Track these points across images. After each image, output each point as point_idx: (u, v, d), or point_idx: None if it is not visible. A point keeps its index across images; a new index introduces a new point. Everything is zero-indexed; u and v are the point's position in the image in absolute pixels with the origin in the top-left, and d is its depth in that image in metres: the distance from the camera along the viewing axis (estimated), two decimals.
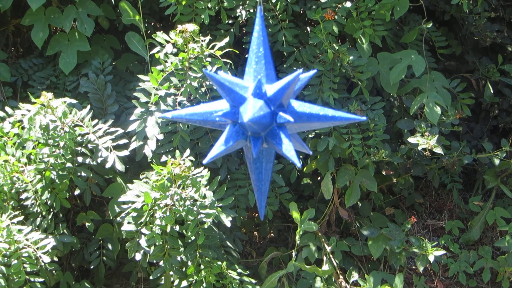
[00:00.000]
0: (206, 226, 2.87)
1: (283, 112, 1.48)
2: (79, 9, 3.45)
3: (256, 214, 4.00)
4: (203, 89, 3.06)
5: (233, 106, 1.50)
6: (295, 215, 3.19)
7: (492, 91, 4.10)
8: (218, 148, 1.47)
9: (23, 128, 3.00)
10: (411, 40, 3.75)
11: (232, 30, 3.49)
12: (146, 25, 3.64)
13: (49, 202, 3.06)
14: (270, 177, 1.59)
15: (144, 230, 2.83)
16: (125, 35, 3.40)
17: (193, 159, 2.84)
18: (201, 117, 1.51)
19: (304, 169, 3.67)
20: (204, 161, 1.43)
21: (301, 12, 3.50)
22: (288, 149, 1.44)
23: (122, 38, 3.57)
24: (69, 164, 3.03)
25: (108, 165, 3.04)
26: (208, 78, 1.47)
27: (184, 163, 2.71)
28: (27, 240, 2.85)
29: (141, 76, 3.09)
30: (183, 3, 3.24)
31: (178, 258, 2.98)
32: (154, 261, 3.02)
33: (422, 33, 3.72)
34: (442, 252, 3.37)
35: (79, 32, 3.47)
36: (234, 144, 1.52)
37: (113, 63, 3.67)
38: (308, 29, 3.64)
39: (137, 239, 2.90)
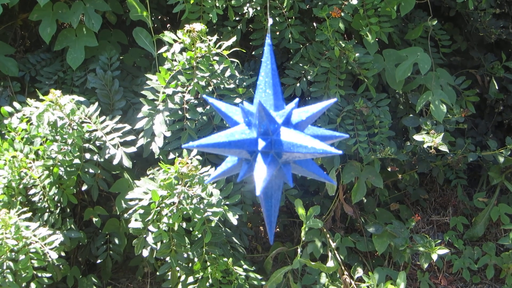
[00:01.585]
0: (213, 224, 2.89)
1: (265, 140, 1.50)
2: (86, 4, 3.46)
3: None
4: (210, 88, 3.08)
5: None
6: (301, 211, 3.21)
7: (497, 87, 4.11)
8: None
9: (31, 124, 3.02)
10: (416, 37, 3.76)
11: (239, 27, 3.50)
12: (153, 19, 3.64)
13: (56, 197, 3.08)
14: (278, 204, 1.62)
15: (151, 228, 2.85)
16: (132, 30, 3.41)
17: (200, 157, 2.86)
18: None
19: None
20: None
21: (307, 8, 3.51)
22: (258, 174, 1.46)
23: (129, 32, 3.58)
24: (76, 161, 3.05)
25: (115, 162, 3.06)
26: (208, 103, 1.50)
27: (191, 162, 2.73)
28: (35, 236, 2.88)
29: (148, 75, 3.10)
30: (191, 1, 3.25)
31: (185, 255, 3.00)
32: (161, 257, 3.04)
33: (427, 30, 3.73)
34: (446, 250, 3.39)
35: (86, 27, 3.48)
36: (232, 167, 1.56)
37: (120, 57, 3.68)
38: (315, 25, 3.65)
39: (144, 236, 2.92)
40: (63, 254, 3.15)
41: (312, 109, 1.55)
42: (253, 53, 3.67)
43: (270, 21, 1.77)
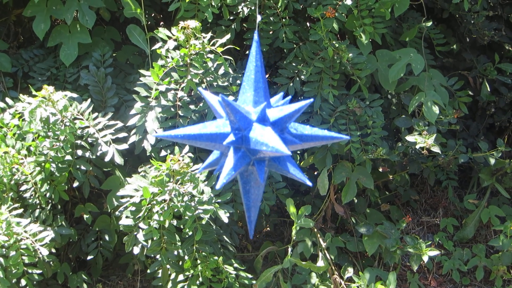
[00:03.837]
0: (203, 222, 2.89)
1: (235, 135, 1.52)
2: (80, 1, 3.45)
3: None
4: (203, 85, 3.08)
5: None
6: (292, 210, 3.21)
7: (489, 89, 4.12)
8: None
9: (23, 119, 3.01)
10: (411, 38, 3.77)
11: (233, 26, 3.50)
12: (147, 16, 3.64)
13: (48, 194, 3.07)
14: (258, 200, 1.62)
15: (142, 225, 2.85)
16: (126, 27, 3.41)
17: (192, 155, 2.86)
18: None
19: (301, 164, 3.69)
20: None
21: (302, 7, 3.51)
22: (224, 168, 1.48)
23: (123, 29, 3.58)
24: (68, 157, 3.05)
25: (107, 158, 3.05)
26: (200, 94, 1.51)
27: (183, 160, 2.73)
28: (25, 232, 2.87)
29: (142, 71, 3.10)
30: (187, 0, 3.25)
31: (175, 253, 3.00)
32: (152, 255, 3.04)
33: (421, 31, 3.74)
34: (437, 252, 3.39)
35: (80, 24, 3.48)
36: (216, 160, 1.59)
37: (113, 54, 3.68)
38: (309, 24, 3.65)
39: (135, 233, 2.92)
40: (53, 250, 3.14)
41: (286, 108, 1.56)
42: (247, 52, 3.67)
43: (259, 17, 1.78)
